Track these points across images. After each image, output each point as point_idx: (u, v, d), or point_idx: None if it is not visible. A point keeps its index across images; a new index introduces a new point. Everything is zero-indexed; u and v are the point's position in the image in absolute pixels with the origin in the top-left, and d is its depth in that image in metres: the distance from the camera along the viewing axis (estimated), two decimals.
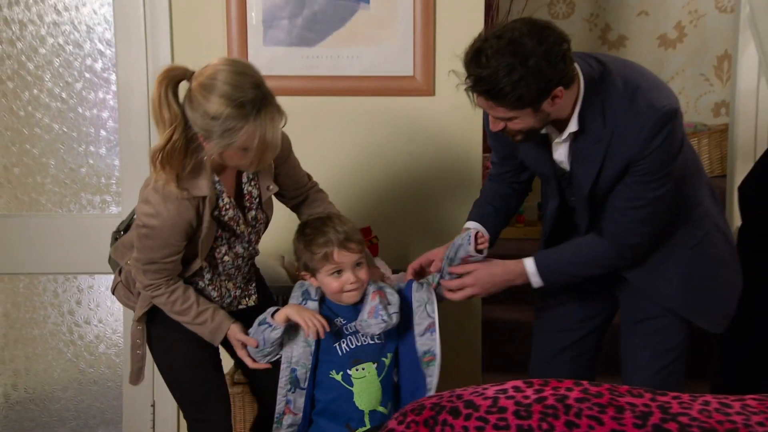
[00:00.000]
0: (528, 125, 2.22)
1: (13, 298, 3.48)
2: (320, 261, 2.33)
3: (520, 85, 2.08)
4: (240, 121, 2.15)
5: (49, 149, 3.35)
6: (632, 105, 2.22)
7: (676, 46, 4.90)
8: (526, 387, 1.77)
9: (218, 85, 2.15)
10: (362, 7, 3.18)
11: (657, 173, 2.29)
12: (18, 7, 3.28)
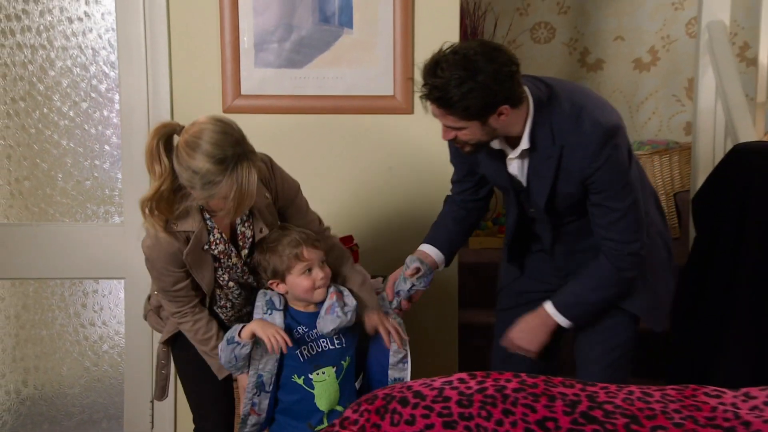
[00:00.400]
0: (476, 137, 2.32)
1: (24, 301, 3.57)
2: (292, 260, 2.42)
3: (468, 96, 2.20)
4: (219, 175, 2.25)
5: (57, 163, 3.45)
6: (578, 123, 2.31)
7: (650, 69, 4.97)
8: (469, 379, 1.85)
9: (202, 144, 2.25)
10: (346, 32, 3.28)
11: (616, 185, 2.39)
12: (30, 33, 3.39)
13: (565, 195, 2.44)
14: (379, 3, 3.25)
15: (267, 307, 2.46)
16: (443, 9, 3.27)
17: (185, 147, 2.27)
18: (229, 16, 3.27)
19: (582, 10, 5.02)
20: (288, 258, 2.42)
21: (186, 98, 3.32)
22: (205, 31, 3.29)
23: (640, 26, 4.96)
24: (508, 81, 2.23)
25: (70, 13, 3.38)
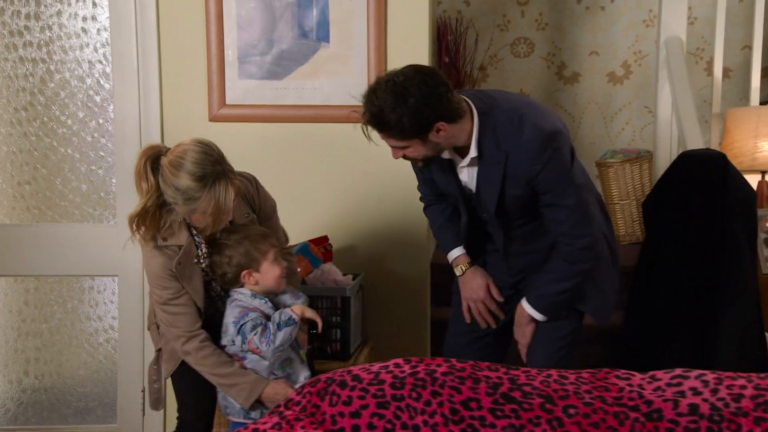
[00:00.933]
0: (421, 153, 2.42)
1: (24, 297, 3.64)
2: (266, 247, 2.49)
3: (402, 120, 2.31)
4: (198, 191, 2.35)
5: (56, 168, 3.53)
6: (519, 130, 2.39)
7: (623, 81, 5.02)
8: (404, 364, 1.90)
9: (185, 163, 2.36)
10: (323, 46, 3.35)
11: (560, 184, 2.45)
12: (31, 48, 3.48)
13: (513, 198, 2.50)
14: (354, 19, 3.31)
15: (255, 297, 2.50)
16: (414, 24, 3.33)
17: (170, 166, 2.37)
18: (214, 31, 3.35)
19: (559, 27, 5.07)
20: (262, 246, 2.48)
21: (175, 108, 3.40)
22: (193, 45, 3.37)
23: (614, 42, 5.02)
24: (438, 101, 2.32)
25: (68, 29, 3.47)
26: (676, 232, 2.88)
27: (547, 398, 1.74)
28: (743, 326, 2.79)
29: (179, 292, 2.46)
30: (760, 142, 3.49)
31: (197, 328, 2.47)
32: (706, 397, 1.71)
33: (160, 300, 2.47)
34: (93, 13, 3.46)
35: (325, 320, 3.02)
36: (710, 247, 2.84)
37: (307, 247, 3.12)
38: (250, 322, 2.43)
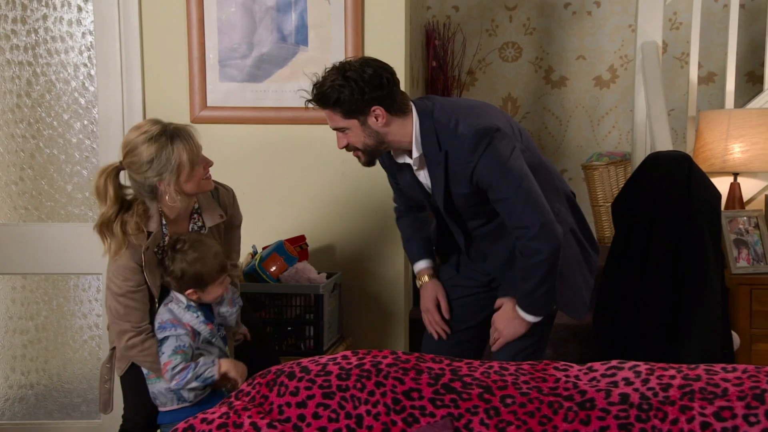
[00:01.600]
0: (360, 140, 2.50)
1: (11, 294, 3.71)
2: (218, 275, 2.49)
3: (340, 91, 2.42)
4: (166, 147, 2.43)
5: (41, 169, 3.60)
6: (455, 130, 2.48)
7: (610, 86, 5.05)
8: (352, 356, 1.95)
9: (134, 142, 2.45)
10: (301, 49, 3.41)
11: (498, 176, 2.47)
12: (18, 51, 3.55)
13: (460, 196, 2.55)
14: (332, 23, 3.37)
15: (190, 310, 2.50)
16: (391, 28, 3.39)
17: (128, 157, 2.46)
18: (196, 34, 3.41)
19: (547, 31, 5.10)
20: (215, 271, 2.48)
21: (157, 110, 3.45)
22: (175, 49, 3.43)
23: (600, 46, 5.05)
24: (378, 84, 2.42)
25: (53, 33, 3.54)
26: (642, 232, 2.91)
27: (486, 388, 1.78)
28: (708, 323, 2.82)
29: (138, 286, 2.50)
30: (731, 144, 3.51)
31: (146, 323, 2.52)
32: (637, 387, 1.74)
33: (118, 291, 2.50)
34: (78, 17, 3.53)
35: (298, 317, 3.11)
36: (675, 246, 2.87)
37: (283, 246, 3.17)
38: (173, 340, 2.44)
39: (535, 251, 2.49)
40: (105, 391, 2.69)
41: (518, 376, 1.81)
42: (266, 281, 3.11)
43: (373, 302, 3.49)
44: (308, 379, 1.89)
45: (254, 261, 3.13)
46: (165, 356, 2.43)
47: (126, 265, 2.49)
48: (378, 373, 1.86)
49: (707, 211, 2.87)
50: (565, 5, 5.06)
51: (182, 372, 2.41)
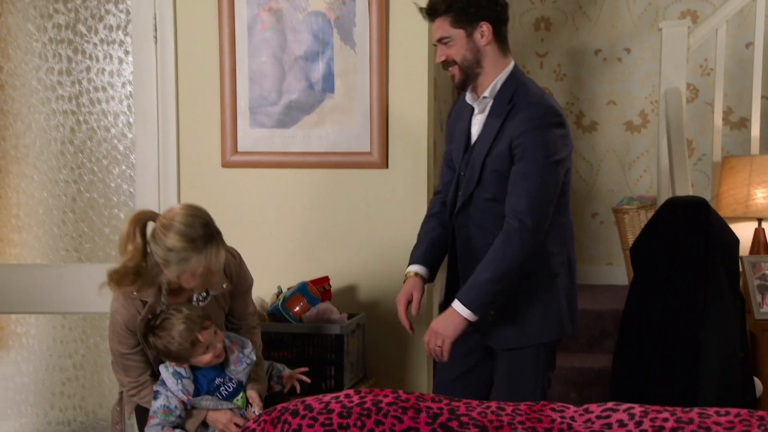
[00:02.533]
0: (461, 53, 2.58)
1: (53, 333, 3.82)
2: (190, 349, 2.50)
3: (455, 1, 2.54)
4: (190, 252, 2.45)
5: (82, 213, 3.72)
6: (534, 98, 2.56)
7: (641, 130, 5.04)
8: (354, 394, 1.97)
9: (175, 225, 2.46)
10: (328, 96, 3.48)
11: (535, 153, 2.49)
12: (63, 101, 3.70)
13: (496, 156, 2.56)
14: (357, 72, 3.44)
15: (175, 378, 2.53)
16: (415, 76, 3.44)
17: (161, 228, 2.47)
18: (228, 83, 3.51)
19: (577, 77, 5.13)
20: (186, 348, 2.49)
21: (191, 155, 3.56)
22: (208, 97, 3.54)
23: (631, 92, 5.04)
24: (495, 6, 2.57)
25: (96, 83, 3.69)
26: (660, 275, 2.89)
27: (482, 428, 1.79)
28: (727, 366, 2.77)
29: (134, 348, 2.57)
30: (753, 189, 3.48)
31: (144, 377, 2.59)
32: (630, 429, 1.73)
33: (115, 351, 2.60)
34: (119, 68, 3.68)
35: (319, 357, 3.13)
36: (693, 289, 2.84)
37: (306, 287, 3.21)
38: (162, 399, 2.51)
39: (516, 238, 2.46)
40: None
41: (514, 417, 1.81)
42: (289, 321, 3.15)
43: (396, 343, 3.51)
44: (311, 416, 1.91)
45: (278, 301, 3.18)
46: (151, 410, 2.51)
47: (120, 331, 2.55)
48: (378, 412, 1.87)
49: (724, 255, 2.84)
50: (596, 52, 5.08)
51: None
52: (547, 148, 2.49)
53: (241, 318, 2.78)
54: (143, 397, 2.60)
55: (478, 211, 2.64)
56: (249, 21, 3.48)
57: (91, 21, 3.66)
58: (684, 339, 2.81)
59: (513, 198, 2.51)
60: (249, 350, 2.64)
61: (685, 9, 4.94)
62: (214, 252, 2.46)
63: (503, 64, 2.61)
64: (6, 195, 3.75)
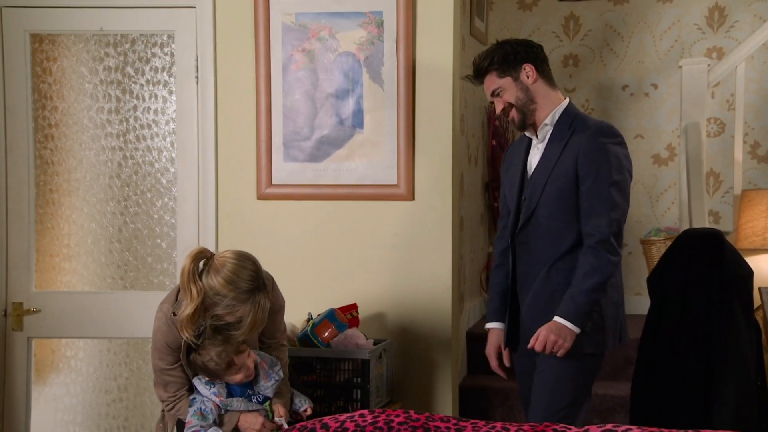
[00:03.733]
0: (514, 94, 2.72)
1: (99, 357, 3.93)
2: (225, 369, 2.63)
3: (493, 54, 2.77)
4: (238, 303, 2.57)
5: (127, 242, 3.85)
6: (590, 121, 2.73)
7: (668, 163, 5.04)
8: (368, 414, 2.04)
9: (226, 273, 2.57)
10: (357, 132, 3.58)
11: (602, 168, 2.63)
12: (111, 138, 3.85)
13: (558, 175, 2.68)
14: (386, 108, 3.54)
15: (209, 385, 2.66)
16: (439, 112, 3.53)
17: (213, 272, 2.58)
18: (264, 120, 3.64)
19: (605, 112, 5.17)
20: (222, 368, 2.62)
21: (228, 188, 3.68)
22: (245, 133, 3.66)
23: (658, 126, 5.07)
24: (527, 44, 2.75)
25: (141, 121, 3.84)
26: (675, 305, 2.91)
27: None
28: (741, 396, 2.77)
29: (173, 365, 2.70)
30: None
31: (182, 392, 2.71)
32: None
33: (155, 367, 2.73)
34: (163, 107, 3.82)
35: (347, 381, 3.20)
36: (708, 319, 2.85)
37: (334, 314, 3.29)
38: (198, 403, 2.63)
39: (606, 251, 2.60)
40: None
41: None
42: (318, 346, 3.23)
43: (423, 368, 3.56)
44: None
45: (307, 327, 3.26)
46: (188, 416, 2.62)
47: (162, 348, 2.68)
48: (389, 431, 1.93)
49: (739, 287, 2.85)
50: (623, 87, 5.12)
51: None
52: (614, 162, 2.63)
53: (272, 337, 2.88)
54: (179, 409, 2.70)
55: (539, 228, 2.77)
56: (284, 61, 3.61)
57: (138, 63, 3.82)
58: (699, 367, 2.82)
59: (593, 217, 2.64)
60: (278, 368, 2.75)
61: (711, 46, 4.97)
62: (260, 304, 2.57)
63: (557, 99, 2.77)
64: (58, 226, 3.90)
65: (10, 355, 3.79)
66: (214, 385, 2.65)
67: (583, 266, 2.63)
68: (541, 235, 2.75)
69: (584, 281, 2.62)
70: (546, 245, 2.75)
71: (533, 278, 2.77)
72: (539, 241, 2.76)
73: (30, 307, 3.77)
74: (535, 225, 2.77)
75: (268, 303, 2.59)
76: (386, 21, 3.52)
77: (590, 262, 2.62)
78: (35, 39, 3.82)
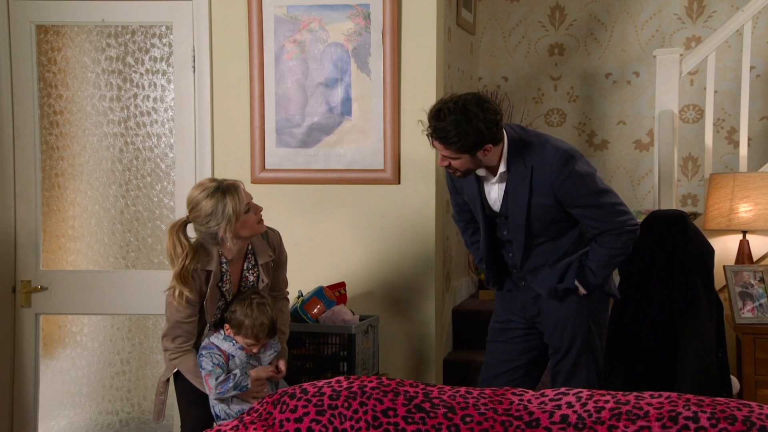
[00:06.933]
0: (465, 166, 2.77)
1: (103, 332, 4.07)
2: (249, 335, 2.81)
3: (463, 138, 2.66)
4: (221, 200, 2.76)
5: (128, 224, 3.98)
6: (543, 151, 2.77)
7: (649, 148, 5.14)
8: (344, 380, 2.17)
9: (196, 198, 2.82)
10: (346, 119, 3.70)
11: (585, 191, 2.76)
12: (113, 124, 3.97)
13: (541, 207, 2.79)
14: (373, 96, 3.67)
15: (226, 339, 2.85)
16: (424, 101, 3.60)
17: (193, 213, 2.81)
18: (257, 108, 3.76)
19: (589, 99, 5.27)
20: (249, 333, 2.81)
21: (223, 172, 3.80)
22: (239, 120, 3.79)
23: (639, 112, 5.16)
24: (494, 127, 2.70)
25: (141, 109, 3.96)
26: (642, 282, 3.03)
27: (450, 408, 1.97)
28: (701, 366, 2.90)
29: (189, 318, 2.83)
30: (735, 204, 3.59)
31: (188, 346, 2.85)
32: (576, 409, 1.89)
33: (171, 321, 2.86)
34: (161, 95, 3.94)
35: (334, 354, 3.33)
36: (671, 295, 2.97)
37: (322, 291, 3.42)
38: (209, 358, 2.79)
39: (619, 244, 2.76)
40: (159, 402, 3.01)
41: (479, 399, 1.98)
42: (307, 321, 3.36)
43: (407, 345, 3.69)
44: (305, 399, 2.11)
45: (297, 303, 3.40)
46: (205, 371, 2.78)
47: (186, 301, 2.80)
48: (363, 395, 2.07)
49: (700, 264, 2.97)
50: (606, 75, 5.22)
51: (224, 383, 2.74)
52: (587, 182, 2.75)
53: (276, 289, 3.06)
54: (182, 363, 2.85)
55: (539, 255, 2.90)
56: (276, 51, 3.73)
57: (138, 53, 3.94)
58: (663, 339, 2.94)
59: (600, 225, 2.79)
60: (276, 342, 2.93)
61: (690, 35, 5.06)
62: (234, 188, 2.81)
63: (500, 147, 2.77)
64: (63, 208, 4.03)
65: (19, 330, 3.93)
66: (233, 340, 2.81)
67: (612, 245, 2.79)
68: (539, 256, 2.89)
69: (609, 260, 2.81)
70: (546, 259, 2.89)
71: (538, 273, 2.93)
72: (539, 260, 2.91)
73: (37, 285, 3.92)
74: (536, 256, 2.89)
75: (242, 191, 2.81)
76: (373, 13, 3.63)
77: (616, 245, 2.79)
78: (40, 30, 3.94)
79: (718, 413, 1.82)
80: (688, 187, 5.09)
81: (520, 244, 2.84)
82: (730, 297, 3.43)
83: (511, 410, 1.92)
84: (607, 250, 2.79)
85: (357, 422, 2.01)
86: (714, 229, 3.58)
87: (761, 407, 1.89)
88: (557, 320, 2.87)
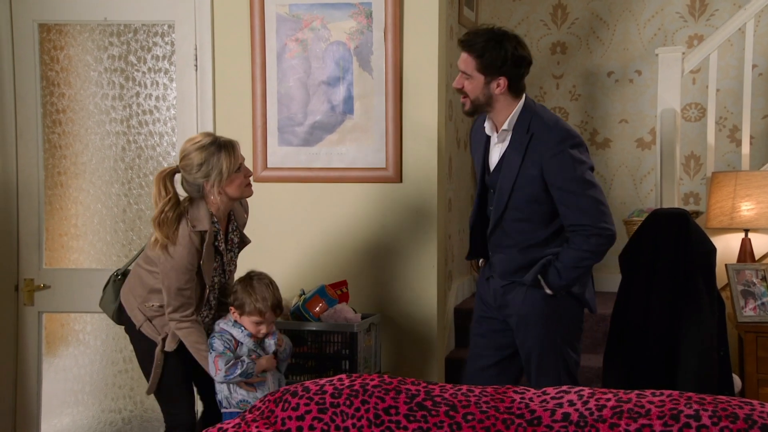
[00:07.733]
0: (476, 93, 2.79)
1: (106, 330, 4.07)
2: (253, 311, 2.86)
3: (487, 51, 2.75)
4: (215, 154, 2.87)
5: (131, 222, 3.99)
6: (550, 123, 2.79)
7: (651, 147, 5.13)
8: (346, 378, 2.16)
9: (188, 149, 2.91)
10: (348, 117, 3.70)
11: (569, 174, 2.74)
12: (115, 123, 3.97)
13: (526, 177, 2.78)
14: (375, 95, 3.66)
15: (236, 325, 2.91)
16: (426, 99, 3.65)
17: (183, 163, 2.90)
18: (260, 106, 3.76)
19: (591, 97, 5.26)
20: (252, 309, 2.87)
21: None
22: (242, 119, 3.79)
23: (642, 111, 5.15)
24: (518, 64, 2.76)
25: (144, 107, 3.96)
26: (643, 280, 3.02)
27: (452, 407, 1.96)
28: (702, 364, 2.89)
29: (188, 283, 2.88)
30: (737, 203, 3.58)
31: (190, 313, 2.89)
32: (578, 407, 1.89)
33: (170, 289, 2.88)
34: (164, 93, 3.94)
35: (336, 353, 3.33)
36: (673, 293, 2.97)
37: (324, 289, 3.42)
38: (219, 342, 2.84)
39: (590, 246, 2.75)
40: (156, 375, 3.02)
41: (480, 397, 1.98)
42: (309, 320, 3.36)
43: (409, 343, 3.69)
44: (307, 396, 2.11)
45: (299, 302, 3.39)
46: (216, 352, 2.83)
47: (185, 267, 2.84)
48: (365, 393, 2.07)
49: (702, 262, 2.96)
50: (608, 73, 5.21)
51: (233, 367, 2.80)
52: (575, 167, 2.72)
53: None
54: (188, 335, 2.89)
55: (509, 230, 2.89)
56: (278, 50, 3.73)
57: (141, 52, 3.94)
58: (664, 337, 2.94)
59: (573, 215, 2.76)
60: (275, 330, 2.99)
61: (693, 33, 5.05)
62: (230, 144, 2.88)
63: (514, 105, 2.81)
64: (66, 207, 4.03)
65: (22, 328, 3.94)
66: (243, 329, 2.86)
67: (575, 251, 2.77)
68: (511, 234, 2.88)
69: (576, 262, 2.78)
70: (516, 241, 2.88)
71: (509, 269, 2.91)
72: (509, 240, 2.89)
73: (40, 283, 3.92)
74: (506, 228, 2.88)
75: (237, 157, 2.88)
76: (375, 11, 3.63)
77: (584, 247, 2.77)
78: (43, 29, 3.94)
79: (720, 411, 1.82)
80: (690, 185, 5.08)
81: (498, 211, 2.85)
82: (732, 295, 3.43)
83: (512, 408, 1.92)
84: (575, 251, 2.77)
85: (359, 420, 2.01)
86: (716, 227, 3.58)
87: (763, 405, 1.89)
88: (522, 316, 2.86)
